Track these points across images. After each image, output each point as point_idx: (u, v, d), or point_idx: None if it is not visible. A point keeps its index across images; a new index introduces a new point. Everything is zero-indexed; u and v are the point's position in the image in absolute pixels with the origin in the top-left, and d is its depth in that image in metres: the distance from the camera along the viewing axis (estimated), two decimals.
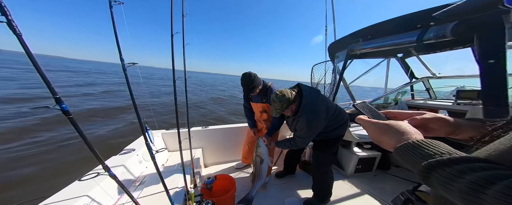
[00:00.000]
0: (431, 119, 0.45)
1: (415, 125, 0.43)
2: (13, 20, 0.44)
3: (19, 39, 0.45)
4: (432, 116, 0.46)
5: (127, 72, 0.76)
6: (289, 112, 1.44)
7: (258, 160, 1.63)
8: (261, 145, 1.64)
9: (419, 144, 0.34)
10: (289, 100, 1.33)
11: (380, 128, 0.42)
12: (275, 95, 1.34)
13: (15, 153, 3.65)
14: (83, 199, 1.00)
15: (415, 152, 0.33)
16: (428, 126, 0.46)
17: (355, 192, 1.91)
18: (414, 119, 0.46)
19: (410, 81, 2.81)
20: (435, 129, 0.45)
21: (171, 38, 1.05)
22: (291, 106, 1.38)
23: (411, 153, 0.34)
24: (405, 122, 0.42)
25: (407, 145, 0.35)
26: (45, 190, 2.67)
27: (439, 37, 1.16)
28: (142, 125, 0.88)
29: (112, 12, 0.70)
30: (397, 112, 0.49)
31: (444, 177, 0.28)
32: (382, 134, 0.41)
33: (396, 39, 1.48)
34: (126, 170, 1.45)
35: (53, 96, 0.54)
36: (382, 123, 0.42)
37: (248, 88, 1.69)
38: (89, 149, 0.65)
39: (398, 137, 0.38)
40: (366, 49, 1.78)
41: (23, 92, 9.13)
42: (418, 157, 0.32)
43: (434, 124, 0.45)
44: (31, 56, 0.46)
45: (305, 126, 1.37)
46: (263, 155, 1.62)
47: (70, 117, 0.58)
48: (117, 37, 0.71)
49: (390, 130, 0.40)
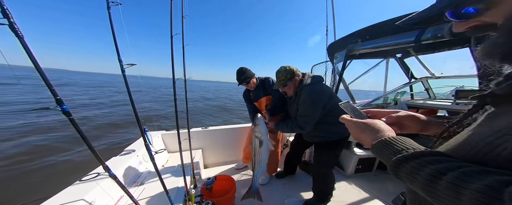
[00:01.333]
0: (404, 117, 0.49)
1: (391, 122, 0.47)
2: (15, 22, 0.44)
3: (21, 41, 0.46)
4: (405, 113, 0.49)
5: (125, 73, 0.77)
6: (291, 88, 1.42)
7: (257, 142, 1.39)
8: (260, 122, 1.39)
9: (389, 140, 0.36)
10: (294, 71, 1.35)
11: (359, 126, 0.45)
12: (281, 67, 1.37)
13: (14, 153, 3.66)
14: (83, 200, 1.00)
15: (387, 148, 0.35)
16: (403, 123, 0.49)
17: (355, 192, 1.91)
18: (389, 116, 0.49)
19: (409, 82, 2.81)
20: (409, 126, 0.49)
21: (171, 39, 1.06)
22: (295, 79, 1.37)
23: (384, 150, 0.36)
24: (379, 120, 0.44)
25: (380, 142, 0.37)
26: (45, 190, 2.67)
27: (436, 37, 1.17)
28: (141, 126, 0.88)
29: (109, 13, 0.71)
30: (376, 111, 0.53)
31: (409, 171, 0.30)
32: (361, 132, 0.44)
33: (395, 39, 1.49)
34: (126, 170, 1.45)
35: (54, 97, 0.55)
36: (360, 121, 0.45)
37: (240, 79, 1.74)
38: (90, 149, 0.66)
39: (373, 135, 0.40)
40: (365, 50, 1.78)
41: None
42: (389, 153, 0.34)
43: (407, 121, 0.49)
44: (32, 58, 0.47)
45: (307, 99, 1.32)
46: (262, 134, 1.38)
47: (71, 118, 0.59)
48: (115, 38, 0.72)
49: (367, 128, 0.42)
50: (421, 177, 0.27)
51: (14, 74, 7.22)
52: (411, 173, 0.29)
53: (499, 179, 0.21)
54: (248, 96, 2.02)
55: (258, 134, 1.39)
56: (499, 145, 0.25)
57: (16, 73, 4.13)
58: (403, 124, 0.49)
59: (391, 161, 0.33)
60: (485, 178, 0.22)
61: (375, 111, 0.53)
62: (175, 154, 2.13)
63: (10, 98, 10.13)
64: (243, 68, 1.76)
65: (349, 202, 1.77)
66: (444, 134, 0.40)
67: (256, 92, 1.91)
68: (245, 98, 2.04)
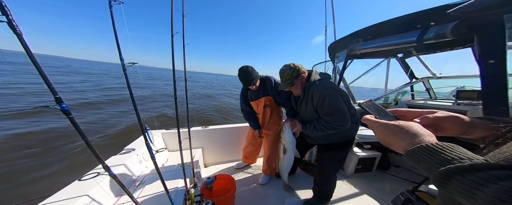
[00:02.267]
0: (444, 118, 0.42)
1: (427, 124, 0.40)
2: (13, 19, 0.44)
3: (20, 38, 0.45)
4: (446, 114, 0.43)
5: (127, 72, 0.76)
6: (298, 87, 1.32)
7: (281, 149, 1.39)
8: (286, 130, 1.36)
9: (434, 147, 0.32)
10: (299, 69, 1.25)
11: (389, 129, 0.39)
12: (284, 66, 1.28)
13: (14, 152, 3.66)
14: (83, 199, 1.00)
15: (430, 156, 0.31)
16: (441, 125, 0.43)
17: (355, 192, 1.91)
18: (425, 117, 0.43)
19: (410, 82, 2.81)
20: (447, 128, 0.43)
21: (171, 38, 1.05)
22: (302, 76, 1.27)
23: (426, 157, 0.32)
24: (415, 123, 0.39)
25: (420, 149, 0.33)
26: (45, 190, 2.67)
27: (439, 37, 1.16)
28: (142, 124, 0.88)
29: (111, 12, 0.70)
30: (405, 111, 0.46)
31: (467, 185, 0.26)
32: (392, 135, 0.39)
33: (396, 39, 1.48)
34: (126, 170, 1.45)
35: (53, 96, 0.54)
36: (391, 123, 0.40)
37: (248, 80, 1.61)
38: (89, 148, 0.65)
39: (409, 139, 0.35)
40: (366, 50, 1.78)
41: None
42: (434, 162, 0.30)
43: (446, 123, 0.42)
44: (31, 56, 0.47)
45: (326, 95, 1.19)
46: (287, 142, 1.35)
47: (70, 116, 0.58)
48: (116, 37, 0.71)
49: (400, 131, 0.37)
50: (486, 193, 0.24)
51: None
52: (471, 188, 0.26)
53: None
54: (245, 95, 1.94)
55: (283, 141, 1.36)
56: None
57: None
58: (441, 126, 0.42)
59: (437, 172, 0.29)
60: None
61: (403, 111, 0.46)
62: (175, 153, 2.13)
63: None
64: (249, 68, 1.62)
65: (349, 202, 1.77)
66: (498, 140, 0.35)
67: (255, 91, 1.83)
68: (242, 97, 1.96)
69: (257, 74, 1.68)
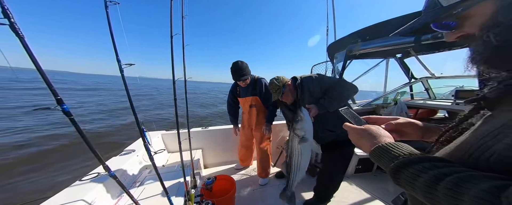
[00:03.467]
0: (404, 124, 0.49)
1: (390, 129, 0.46)
2: (15, 22, 0.44)
3: (22, 41, 0.46)
4: (404, 120, 0.49)
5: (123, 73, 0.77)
6: (288, 94, 1.38)
7: (296, 142, 1.05)
8: (305, 117, 1.04)
9: (386, 146, 0.36)
10: (283, 78, 1.37)
11: (358, 133, 0.45)
12: (271, 80, 1.37)
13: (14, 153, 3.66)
14: (83, 200, 1.00)
15: (384, 154, 0.35)
16: (402, 130, 0.49)
17: (355, 192, 1.91)
18: (389, 124, 0.49)
19: (409, 82, 2.82)
20: (409, 132, 0.48)
21: (171, 39, 1.06)
22: (288, 84, 1.37)
23: (382, 156, 0.36)
24: (378, 126, 0.45)
25: (378, 148, 0.37)
26: (45, 190, 2.67)
27: (436, 38, 1.17)
28: (140, 126, 0.88)
29: (107, 13, 0.70)
30: (376, 118, 0.54)
31: (408, 177, 0.29)
32: (360, 138, 0.44)
33: (395, 39, 1.49)
34: (126, 170, 1.45)
35: (54, 97, 0.55)
36: (359, 128, 0.45)
37: (238, 75, 1.65)
38: (90, 149, 0.66)
39: (371, 141, 0.40)
40: (365, 50, 1.79)
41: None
42: (387, 159, 0.34)
43: (406, 128, 0.48)
44: (33, 58, 0.47)
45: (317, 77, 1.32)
46: (306, 132, 1.03)
47: (71, 117, 0.59)
48: (113, 38, 0.72)
49: (366, 134, 0.43)
50: (420, 183, 0.28)
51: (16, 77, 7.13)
52: (410, 179, 0.29)
53: (496, 184, 0.21)
54: (234, 91, 1.97)
55: (301, 131, 1.05)
56: (490, 147, 0.25)
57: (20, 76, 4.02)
58: (403, 131, 0.49)
59: (389, 167, 0.33)
60: (481, 182, 0.22)
61: (374, 118, 0.54)
62: (175, 154, 2.13)
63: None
64: (240, 63, 1.65)
65: (349, 202, 1.77)
66: (441, 139, 0.40)
67: (245, 89, 1.85)
68: (230, 92, 1.99)
69: (250, 72, 1.72)
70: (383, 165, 0.35)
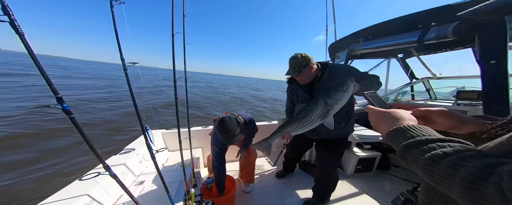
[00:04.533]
0: (435, 112, 0.46)
1: (417, 115, 0.44)
2: (15, 19, 0.44)
3: (22, 38, 0.45)
4: (437, 109, 0.46)
5: (127, 72, 0.76)
6: (304, 76, 1.27)
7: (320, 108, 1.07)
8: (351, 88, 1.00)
9: (407, 127, 0.35)
10: (310, 59, 1.23)
11: (380, 115, 0.44)
12: (297, 54, 1.23)
13: (14, 153, 3.66)
14: (83, 199, 1.00)
15: (401, 134, 0.35)
16: (431, 118, 0.46)
17: (355, 192, 1.91)
18: (417, 110, 0.47)
19: (410, 82, 2.81)
20: (437, 122, 0.46)
21: (172, 38, 1.06)
22: (311, 66, 1.23)
23: (398, 136, 0.35)
24: (404, 111, 0.43)
25: (397, 129, 0.36)
26: (46, 189, 2.67)
27: (440, 38, 1.16)
28: (142, 124, 0.88)
29: (113, 12, 0.70)
30: (404, 105, 0.51)
31: (415, 154, 0.30)
32: (380, 120, 0.43)
33: (397, 39, 1.48)
34: (127, 169, 1.45)
35: (54, 95, 0.55)
36: (384, 110, 0.44)
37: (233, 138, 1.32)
38: (90, 148, 0.65)
39: (392, 123, 0.39)
40: (366, 50, 1.78)
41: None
42: (402, 139, 0.34)
43: (437, 117, 0.46)
44: (33, 56, 0.47)
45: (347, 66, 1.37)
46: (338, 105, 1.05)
47: (72, 116, 0.59)
48: (117, 37, 0.72)
49: (388, 117, 0.41)
50: (422, 161, 0.28)
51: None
52: (416, 156, 0.29)
53: (489, 161, 0.22)
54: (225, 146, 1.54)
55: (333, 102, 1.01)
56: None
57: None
58: (431, 119, 0.46)
59: (401, 145, 0.32)
60: (475, 160, 0.23)
61: (402, 104, 0.50)
62: (175, 153, 2.13)
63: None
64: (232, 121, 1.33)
65: (349, 202, 1.77)
66: (483, 135, 0.37)
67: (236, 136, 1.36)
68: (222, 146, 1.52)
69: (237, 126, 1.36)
70: (395, 145, 0.35)
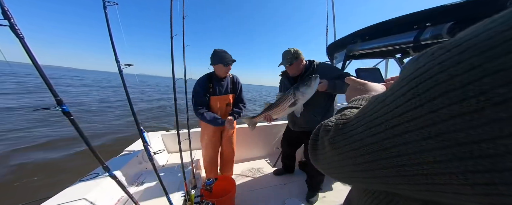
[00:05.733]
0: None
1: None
2: (15, 23, 0.45)
3: (22, 42, 0.46)
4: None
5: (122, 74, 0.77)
6: (294, 68, 1.47)
7: (290, 100, 1.29)
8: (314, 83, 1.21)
9: (362, 98, 0.32)
10: (300, 54, 1.44)
11: (355, 84, 0.40)
12: (290, 48, 1.45)
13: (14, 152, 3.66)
14: (83, 200, 1.00)
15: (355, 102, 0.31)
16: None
17: None
18: (390, 80, 0.43)
19: None
20: None
21: (171, 40, 1.07)
22: (300, 60, 1.45)
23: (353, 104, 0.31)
24: (381, 85, 0.39)
25: (355, 99, 0.33)
26: (46, 190, 2.67)
27: (435, 38, 1.17)
28: (139, 127, 0.88)
29: (106, 13, 0.71)
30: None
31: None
32: (353, 90, 0.39)
33: (394, 39, 1.49)
34: (126, 170, 1.46)
35: (54, 98, 0.55)
36: (362, 81, 0.40)
37: (230, 59, 1.52)
38: (90, 149, 0.66)
39: (358, 93, 0.35)
40: (364, 50, 1.79)
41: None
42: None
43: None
44: (33, 59, 0.48)
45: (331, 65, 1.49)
46: (303, 97, 1.25)
47: (71, 118, 0.59)
48: (111, 38, 0.72)
49: (360, 88, 0.38)
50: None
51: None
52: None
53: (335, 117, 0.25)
54: (207, 87, 1.58)
55: (299, 94, 1.23)
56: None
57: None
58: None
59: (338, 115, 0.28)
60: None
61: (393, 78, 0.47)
62: (175, 154, 2.13)
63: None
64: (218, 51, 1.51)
65: (343, 191, 1.78)
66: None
67: (223, 84, 1.63)
68: (201, 89, 1.56)
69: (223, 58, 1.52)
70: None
